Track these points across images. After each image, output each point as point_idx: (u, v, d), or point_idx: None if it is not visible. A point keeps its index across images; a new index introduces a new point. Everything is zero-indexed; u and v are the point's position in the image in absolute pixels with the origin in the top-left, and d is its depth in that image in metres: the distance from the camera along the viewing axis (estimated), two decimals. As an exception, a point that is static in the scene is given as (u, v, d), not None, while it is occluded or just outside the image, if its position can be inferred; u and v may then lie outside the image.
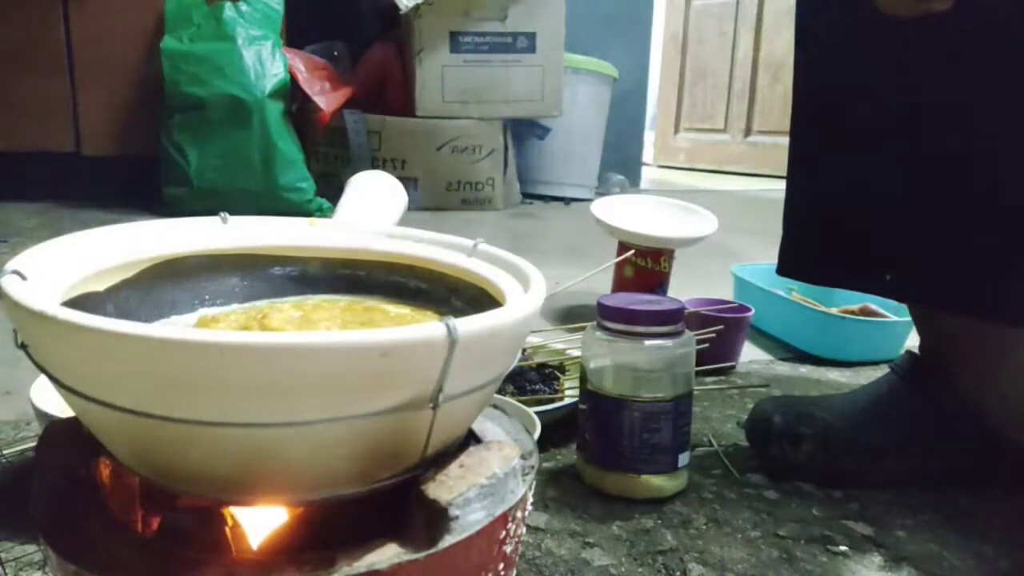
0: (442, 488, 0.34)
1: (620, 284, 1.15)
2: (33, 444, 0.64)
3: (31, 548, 0.52)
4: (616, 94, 2.77)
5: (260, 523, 0.37)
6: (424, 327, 0.30)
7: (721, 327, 0.94)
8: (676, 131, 4.41)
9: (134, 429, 0.31)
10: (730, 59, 4.02)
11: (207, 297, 0.47)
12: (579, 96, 2.58)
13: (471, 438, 0.42)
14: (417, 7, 2.23)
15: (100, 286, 0.41)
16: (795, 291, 1.14)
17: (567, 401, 0.76)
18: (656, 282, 1.13)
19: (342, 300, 0.49)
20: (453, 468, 0.36)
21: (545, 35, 2.33)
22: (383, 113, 2.25)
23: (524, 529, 0.40)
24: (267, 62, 1.94)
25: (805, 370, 1.01)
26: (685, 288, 1.19)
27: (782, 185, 0.76)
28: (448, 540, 0.33)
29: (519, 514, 0.38)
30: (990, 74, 0.59)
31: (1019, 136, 0.59)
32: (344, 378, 0.29)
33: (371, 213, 0.58)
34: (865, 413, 0.69)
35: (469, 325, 0.31)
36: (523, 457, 0.39)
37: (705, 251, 1.34)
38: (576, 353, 0.85)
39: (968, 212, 0.61)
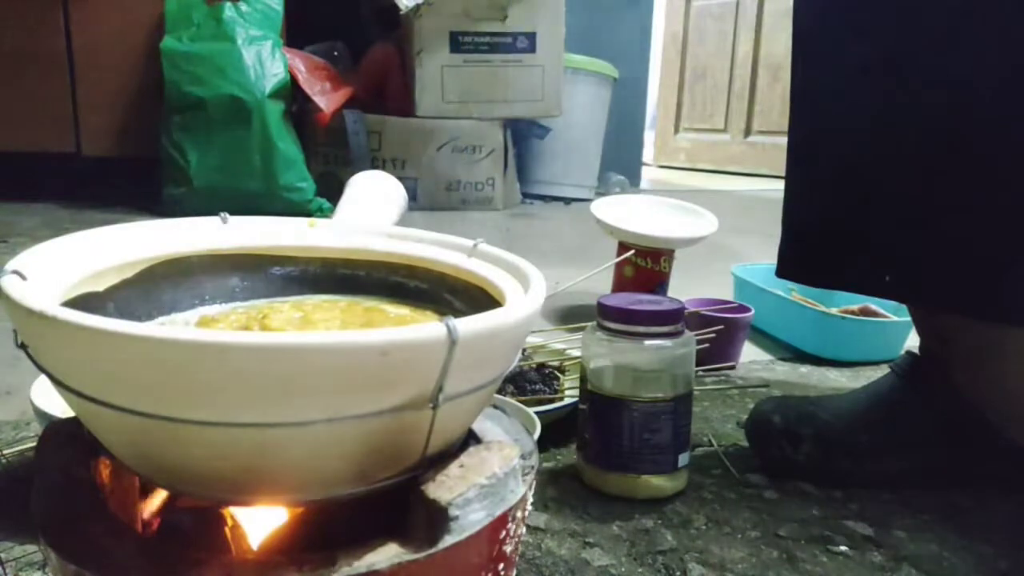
0: (442, 488, 0.34)
1: (620, 284, 1.15)
2: (33, 444, 0.64)
3: (31, 548, 0.52)
4: (616, 94, 2.77)
5: (260, 523, 0.37)
6: (424, 327, 0.30)
7: (721, 327, 0.94)
8: (676, 131, 4.41)
9: (134, 429, 0.31)
10: (730, 59, 4.03)
11: (207, 297, 0.47)
12: (579, 96, 2.58)
13: (471, 438, 0.42)
14: (417, 7, 2.23)
15: (100, 286, 0.41)
16: (795, 291, 1.14)
17: (567, 401, 0.76)
18: (656, 282, 1.13)
19: (342, 300, 0.49)
20: (453, 468, 0.36)
21: (545, 35, 2.33)
22: (383, 113, 2.25)
23: (524, 529, 0.40)
24: (267, 62, 1.94)
25: (805, 370, 1.01)
26: (685, 288, 1.19)
27: (782, 185, 0.76)
28: (448, 540, 0.33)
29: (519, 514, 0.38)
30: (990, 74, 0.59)
31: (1019, 135, 0.59)
32: (344, 378, 0.29)
33: (371, 213, 0.59)
34: (865, 413, 0.69)
35: (469, 325, 0.31)
36: (523, 457, 0.39)
37: (705, 251, 1.34)
38: (576, 353, 0.85)
39: (968, 212, 0.61)
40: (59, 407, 0.57)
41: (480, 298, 0.45)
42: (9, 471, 0.63)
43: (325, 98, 2.08)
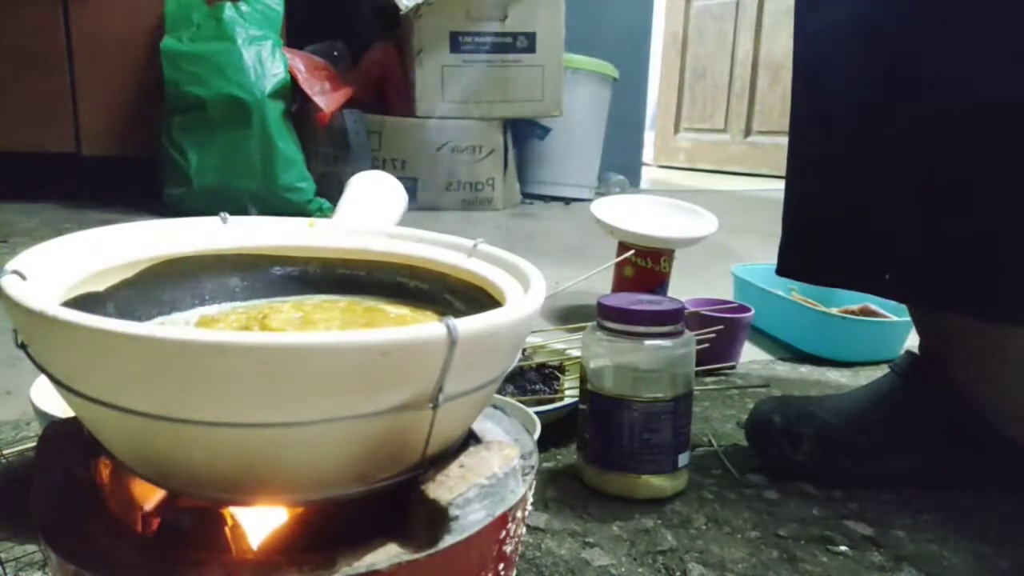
0: (442, 488, 0.34)
1: (620, 284, 1.15)
2: (33, 444, 0.64)
3: (31, 548, 0.52)
4: (616, 94, 2.77)
5: (260, 523, 0.37)
6: (424, 327, 0.30)
7: (721, 327, 0.94)
8: (676, 131, 4.41)
9: (134, 429, 0.31)
10: (730, 59, 4.03)
11: (207, 297, 0.47)
12: (579, 96, 2.58)
13: (471, 438, 0.42)
14: (417, 7, 2.23)
15: (100, 286, 0.40)
16: (795, 291, 1.14)
17: (567, 401, 0.76)
18: (656, 282, 1.13)
19: (342, 300, 0.49)
20: (453, 468, 0.36)
21: (545, 35, 2.33)
22: (383, 113, 2.25)
23: (524, 529, 0.40)
24: (267, 62, 1.94)
25: (805, 370, 1.01)
26: (685, 288, 1.19)
27: (782, 185, 0.76)
28: (448, 540, 0.33)
29: (519, 514, 0.38)
30: (990, 75, 0.59)
31: (1019, 135, 0.59)
32: (344, 378, 0.29)
33: (371, 213, 0.59)
34: (865, 413, 0.69)
35: (469, 325, 0.31)
36: (523, 457, 0.39)
37: (705, 251, 1.34)
38: (576, 353, 0.85)
39: (968, 212, 0.61)
40: (59, 407, 0.57)
41: (480, 298, 0.45)
42: (9, 471, 0.63)
43: (325, 98, 2.08)
